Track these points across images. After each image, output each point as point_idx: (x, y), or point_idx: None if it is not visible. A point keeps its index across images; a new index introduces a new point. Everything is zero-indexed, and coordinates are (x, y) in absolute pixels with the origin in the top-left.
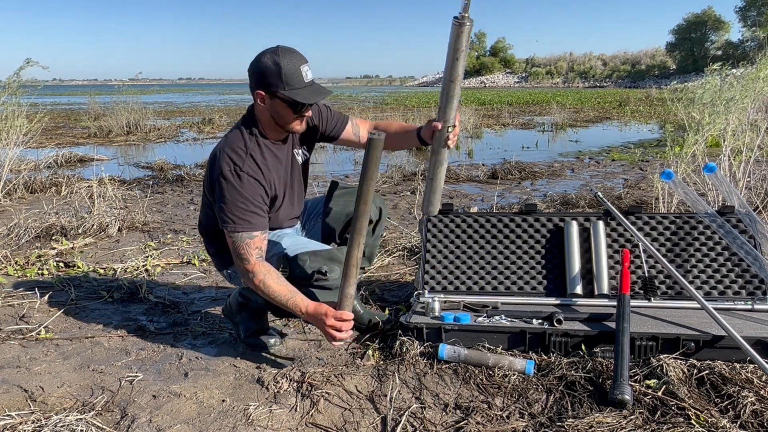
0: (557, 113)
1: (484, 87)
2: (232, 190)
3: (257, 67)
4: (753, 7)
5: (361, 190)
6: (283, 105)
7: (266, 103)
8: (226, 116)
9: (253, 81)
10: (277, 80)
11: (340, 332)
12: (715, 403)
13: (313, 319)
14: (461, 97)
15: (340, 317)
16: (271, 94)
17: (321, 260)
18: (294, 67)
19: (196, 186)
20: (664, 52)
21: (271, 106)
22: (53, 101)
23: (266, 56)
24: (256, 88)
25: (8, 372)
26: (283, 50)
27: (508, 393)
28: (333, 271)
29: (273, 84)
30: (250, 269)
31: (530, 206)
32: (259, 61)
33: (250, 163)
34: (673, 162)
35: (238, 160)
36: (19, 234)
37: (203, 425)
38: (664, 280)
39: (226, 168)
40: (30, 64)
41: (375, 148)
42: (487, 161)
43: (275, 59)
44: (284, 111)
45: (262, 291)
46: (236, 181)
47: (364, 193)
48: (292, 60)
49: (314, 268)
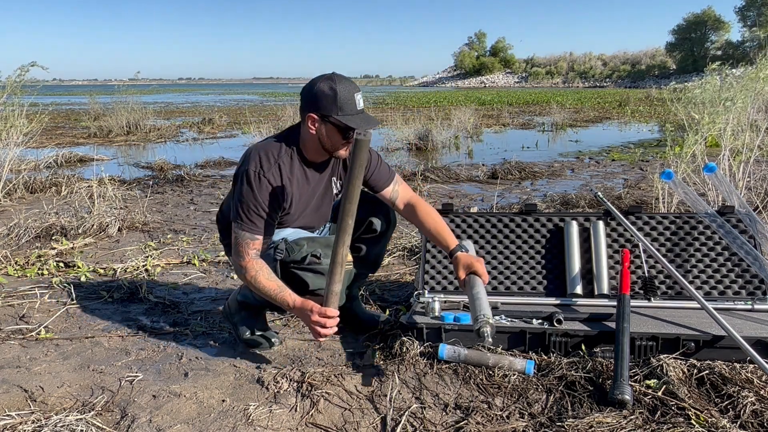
0: (557, 113)
1: (484, 87)
2: (249, 190)
3: (312, 91)
4: (753, 7)
5: (347, 190)
6: (333, 129)
7: (316, 126)
8: (226, 116)
9: (307, 104)
10: (332, 105)
11: (324, 328)
12: (715, 403)
13: (299, 313)
14: (462, 97)
15: (325, 314)
16: (323, 117)
17: (317, 245)
18: (349, 94)
19: (196, 186)
20: (664, 52)
21: (320, 130)
22: (53, 101)
23: (323, 82)
24: (308, 111)
25: (8, 372)
26: (339, 77)
27: (508, 393)
28: (327, 256)
29: (327, 108)
30: (243, 265)
31: (530, 206)
32: (315, 86)
33: (275, 171)
34: (673, 162)
35: (265, 165)
36: (19, 234)
37: (203, 425)
38: (664, 280)
39: (252, 168)
40: (33, 66)
41: (361, 149)
42: (487, 161)
43: (332, 85)
44: (334, 135)
45: (253, 286)
46: (255, 184)
47: (350, 192)
48: (347, 87)
49: (309, 252)
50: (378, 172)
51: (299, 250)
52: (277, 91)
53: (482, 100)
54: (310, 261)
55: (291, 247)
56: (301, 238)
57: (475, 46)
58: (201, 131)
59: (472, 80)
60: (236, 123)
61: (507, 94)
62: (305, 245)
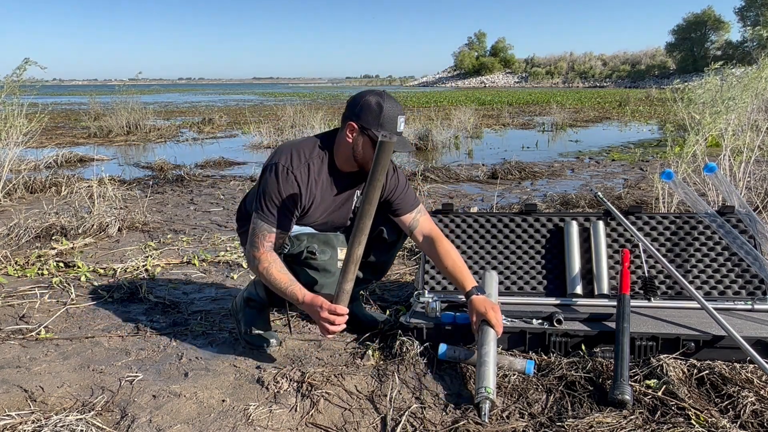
0: (557, 113)
1: (484, 87)
2: (275, 183)
3: (359, 102)
4: (752, 7)
5: (367, 191)
6: (368, 143)
7: (354, 135)
8: (226, 116)
9: (350, 112)
10: (375, 119)
11: (333, 325)
12: (715, 403)
13: (308, 308)
14: (462, 97)
15: (335, 311)
16: (362, 129)
17: (315, 241)
18: (393, 114)
19: (196, 186)
20: (663, 52)
21: (357, 140)
22: (53, 101)
23: (372, 95)
24: (350, 119)
25: (8, 372)
26: (388, 96)
27: (508, 393)
28: (323, 252)
29: (369, 122)
30: (257, 256)
31: (530, 206)
32: (363, 97)
33: (303, 170)
34: (673, 162)
35: (295, 161)
36: (19, 234)
37: (203, 425)
38: (664, 280)
39: (282, 162)
40: (29, 64)
41: (384, 152)
42: (487, 161)
43: (379, 101)
44: (368, 149)
45: (264, 277)
46: (282, 177)
47: (370, 194)
48: (393, 107)
49: (308, 245)
50: (404, 196)
51: (299, 244)
52: (277, 91)
53: (482, 100)
54: (306, 256)
55: (291, 241)
56: (302, 233)
57: (475, 46)
58: (201, 131)
59: (472, 80)
60: (236, 123)
61: (507, 94)
62: (305, 240)
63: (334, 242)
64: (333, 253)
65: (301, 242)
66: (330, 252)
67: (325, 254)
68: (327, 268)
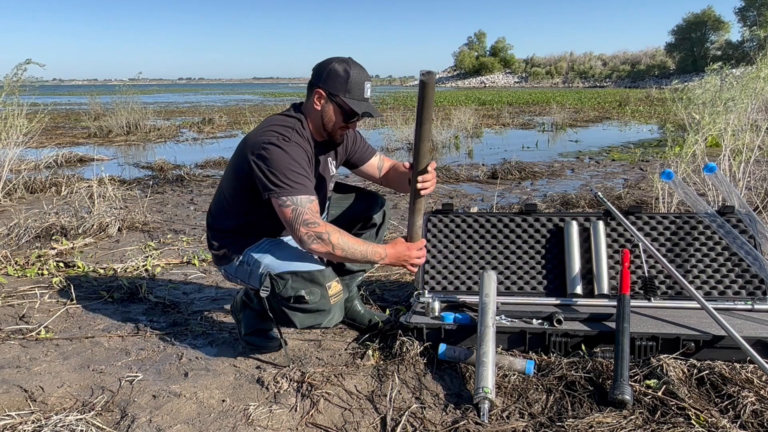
0: (557, 113)
1: (484, 87)
2: (283, 154)
3: (326, 69)
4: (752, 7)
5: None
6: (337, 110)
7: (321, 102)
8: (226, 116)
9: (317, 79)
10: (342, 86)
11: (420, 259)
12: (715, 403)
13: (395, 258)
14: (462, 97)
15: (420, 246)
16: (329, 96)
17: (301, 282)
18: (360, 79)
19: (196, 186)
20: (663, 52)
21: (324, 107)
22: (53, 101)
23: (337, 62)
24: (317, 86)
25: (8, 372)
26: (354, 62)
27: (508, 393)
28: (312, 293)
29: (336, 88)
30: (323, 230)
31: (530, 206)
32: (330, 64)
33: (297, 137)
34: (673, 162)
35: (284, 131)
36: (19, 234)
37: (203, 425)
38: (664, 280)
39: (273, 138)
40: (29, 64)
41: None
42: (487, 161)
43: (346, 68)
44: (336, 116)
45: (341, 248)
46: (286, 146)
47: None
48: (360, 73)
49: (294, 291)
50: (362, 147)
51: (285, 286)
52: (277, 91)
53: (482, 100)
54: (297, 300)
55: (276, 281)
56: (284, 272)
57: (475, 46)
58: (201, 131)
59: (472, 80)
60: (236, 123)
61: (507, 94)
62: (289, 280)
63: (320, 279)
64: (322, 291)
65: (285, 282)
66: (319, 291)
67: (315, 295)
68: (320, 308)
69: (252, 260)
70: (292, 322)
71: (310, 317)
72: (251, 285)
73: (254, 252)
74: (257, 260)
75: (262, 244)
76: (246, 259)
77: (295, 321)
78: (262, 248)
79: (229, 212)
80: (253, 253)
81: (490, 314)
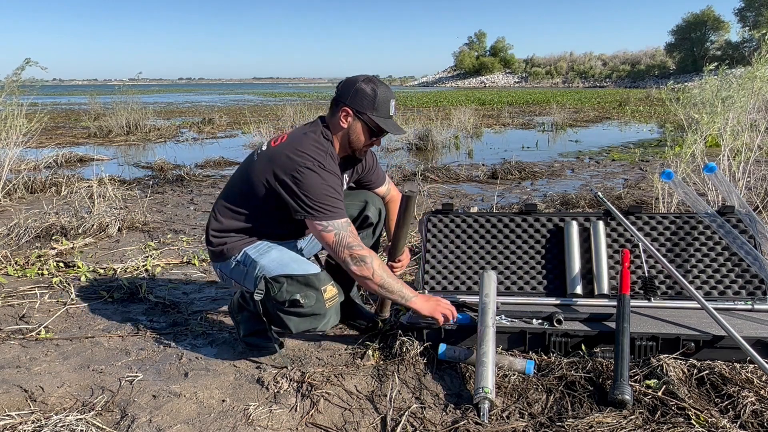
0: (557, 113)
1: (484, 87)
2: (320, 180)
3: (353, 87)
4: (751, 7)
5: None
6: (364, 128)
7: (348, 120)
8: (226, 116)
9: (344, 98)
10: (370, 104)
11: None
12: (715, 403)
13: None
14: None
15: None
16: (357, 114)
17: (296, 286)
18: (386, 98)
19: (196, 186)
20: (663, 52)
21: (351, 125)
22: (53, 101)
23: (365, 82)
24: (344, 105)
25: (8, 372)
26: (380, 81)
27: (508, 393)
28: (307, 297)
29: (364, 106)
30: (366, 254)
31: (530, 206)
32: (357, 83)
33: (330, 161)
34: (673, 162)
35: (319, 157)
36: (19, 234)
37: (203, 425)
38: (664, 280)
39: (309, 163)
40: (29, 64)
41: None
42: (487, 161)
43: (373, 87)
44: (362, 133)
45: (380, 276)
46: (322, 173)
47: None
48: (386, 92)
49: (290, 295)
50: (374, 171)
51: (280, 290)
52: (277, 90)
53: (482, 100)
54: (292, 304)
55: (271, 284)
56: (279, 276)
57: (475, 46)
58: (201, 131)
59: (472, 80)
60: (236, 123)
61: (507, 94)
62: (284, 284)
63: (316, 283)
64: (318, 295)
65: (280, 286)
66: (314, 295)
67: (310, 299)
68: (315, 312)
69: (249, 261)
70: (287, 326)
71: (305, 321)
72: (246, 287)
73: (252, 253)
74: (254, 261)
75: (260, 245)
76: (243, 259)
77: (290, 325)
78: (260, 249)
79: (238, 213)
80: (251, 254)
81: (490, 314)
